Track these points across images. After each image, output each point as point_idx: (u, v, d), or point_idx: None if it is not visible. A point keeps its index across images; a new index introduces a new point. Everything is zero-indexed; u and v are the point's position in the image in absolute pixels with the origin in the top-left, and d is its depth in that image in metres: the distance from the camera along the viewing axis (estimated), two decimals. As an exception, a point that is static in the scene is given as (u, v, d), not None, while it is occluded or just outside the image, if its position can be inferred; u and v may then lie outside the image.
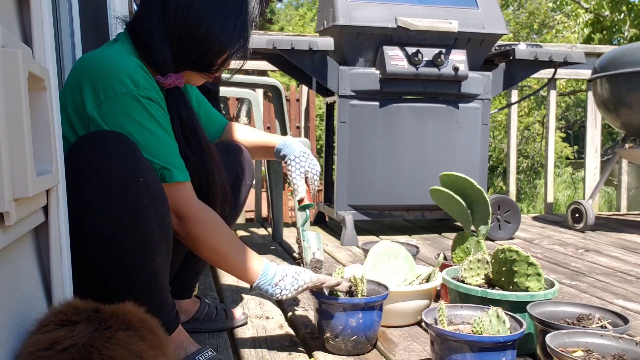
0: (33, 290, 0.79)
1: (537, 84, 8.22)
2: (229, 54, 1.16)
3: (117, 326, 0.67)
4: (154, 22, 1.11)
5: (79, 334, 0.65)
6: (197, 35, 1.11)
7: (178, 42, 1.12)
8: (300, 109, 4.14)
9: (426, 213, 2.78)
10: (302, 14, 20.91)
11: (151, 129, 1.04)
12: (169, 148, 1.07)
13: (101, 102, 1.01)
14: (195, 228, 1.11)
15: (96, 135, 0.99)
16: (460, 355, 1.07)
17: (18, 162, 0.65)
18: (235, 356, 1.29)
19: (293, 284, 1.19)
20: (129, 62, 1.05)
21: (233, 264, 1.16)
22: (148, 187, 0.98)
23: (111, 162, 0.95)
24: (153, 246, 1.01)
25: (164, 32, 1.11)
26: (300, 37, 2.56)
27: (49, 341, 0.65)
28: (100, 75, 1.02)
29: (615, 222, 3.35)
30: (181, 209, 1.09)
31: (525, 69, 2.81)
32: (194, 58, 1.14)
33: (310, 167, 1.37)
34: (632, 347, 1.03)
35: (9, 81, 0.63)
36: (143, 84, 1.04)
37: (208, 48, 1.13)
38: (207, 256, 1.17)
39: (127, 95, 1.02)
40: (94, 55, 1.08)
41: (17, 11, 0.76)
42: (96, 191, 0.95)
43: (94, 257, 0.98)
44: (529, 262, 1.30)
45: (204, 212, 1.13)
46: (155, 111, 1.06)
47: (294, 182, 1.37)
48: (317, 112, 7.84)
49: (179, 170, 1.08)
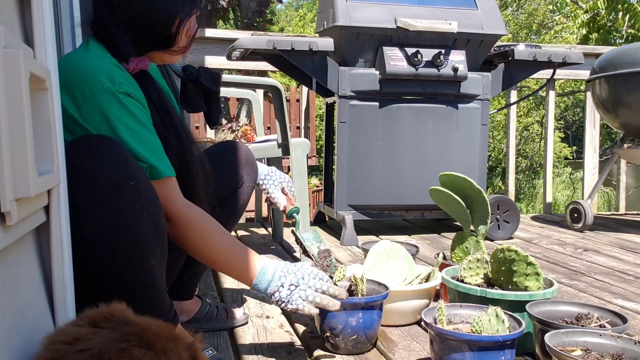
0: (34, 290, 0.80)
1: (536, 85, 8.23)
2: (180, 20, 1.14)
3: (137, 342, 0.67)
4: (104, 13, 1.11)
5: (99, 339, 0.65)
6: (142, 13, 1.11)
7: (128, 25, 1.11)
8: (300, 109, 4.14)
9: (426, 213, 2.78)
10: (302, 14, 20.91)
11: (129, 125, 1.03)
12: (150, 143, 1.06)
13: (80, 104, 1.01)
14: (182, 229, 1.09)
15: (85, 140, 0.99)
16: (460, 355, 1.07)
17: (19, 162, 0.65)
18: (235, 355, 1.29)
19: (293, 300, 1.12)
20: (101, 61, 1.06)
21: (224, 265, 1.15)
22: (139, 190, 0.98)
23: (101, 166, 0.95)
24: (147, 249, 1.01)
25: (114, 21, 1.11)
26: (300, 38, 2.56)
27: (73, 335, 0.65)
28: (75, 78, 1.02)
29: (613, 222, 3.35)
30: (166, 207, 1.07)
31: (524, 70, 2.81)
32: (149, 36, 1.13)
33: (281, 179, 1.48)
34: (631, 347, 1.03)
35: (11, 82, 0.63)
36: (119, 79, 1.04)
37: (157, 19, 1.12)
38: (197, 256, 1.15)
39: (104, 92, 1.01)
40: (66, 59, 1.08)
41: (19, 12, 0.76)
42: (87, 196, 0.94)
43: (88, 261, 0.97)
44: (528, 262, 1.30)
45: (189, 212, 1.11)
46: (133, 107, 1.05)
47: (272, 195, 1.47)
48: (317, 112, 7.85)
49: (162, 165, 1.07)
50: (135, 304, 1.03)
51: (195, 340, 0.76)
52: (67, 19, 1.60)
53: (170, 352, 0.68)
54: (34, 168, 0.68)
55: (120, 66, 1.08)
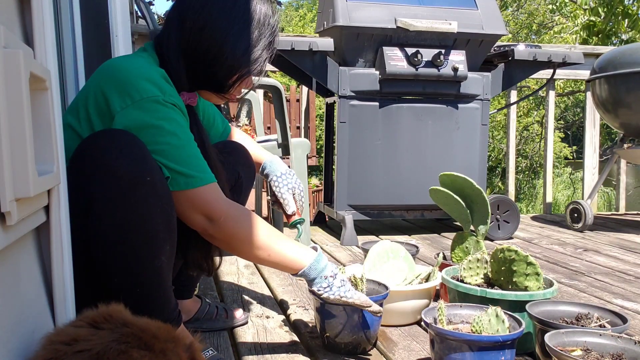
0: (34, 290, 0.80)
1: (536, 85, 8.22)
2: (239, 76, 1.17)
3: (135, 343, 0.66)
4: (172, 40, 1.13)
5: (98, 340, 0.65)
6: (208, 56, 1.13)
7: (191, 61, 1.14)
8: (300, 109, 4.14)
9: (426, 213, 2.78)
10: (302, 14, 20.92)
11: (175, 133, 1.05)
12: (192, 150, 1.08)
13: (127, 105, 1.02)
14: (230, 226, 1.10)
15: (105, 134, 1.00)
16: (460, 355, 1.07)
17: (19, 162, 0.65)
18: (235, 355, 1.29)
19: (340, 289, 1.17)
20: (154, 71, 1.08)
21: (277, 256, 1.13)
22: (155, 186, 0.99)
23: (119, 160, 0.96)
24: (158, 245, 1.02)
25: (179, 51, 1.13)
26: (300, 38, 2.56)
27: (71, 336, 0.65)
28: (127, 80, 1.03)
29: (613, 222, 3.35)
30: (211, 209, 1.08)
31: (524, 70, 2.81)
32: (206, 78, 1.17)
33: (296, 184, 1.41)
34: (631, 347, 1.03)
35: (11, 82, 0.63)
36: (168, 91, 1.06)
37: (219, 69, 1.15)
38: (249, 252, 1.14)
39: (153, 100, 1.03)
40: (122, 60, 1.11)
41: (19, 12, 0.76)
42: (103, 189, 0.95)
43: (99, 254, 0.98)
44: (528, 262, 1.30)
45: (235, 209, 1.11)
46: (178, 117, 1.07)
47: (283, 197, 1.40)
48: (317, 112, 7.84)
49: (204, 173, 1.08)
50: (141, 299, 1.03)
51: (195, 340, 0.76)
52: (67, 19, 1.60)
53: (169, 352, 0.68)
54: (34, 168, 0.68)
55: (167, 78, 1.10)
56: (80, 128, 1.06)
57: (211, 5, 1.12)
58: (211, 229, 1.09)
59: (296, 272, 1.15)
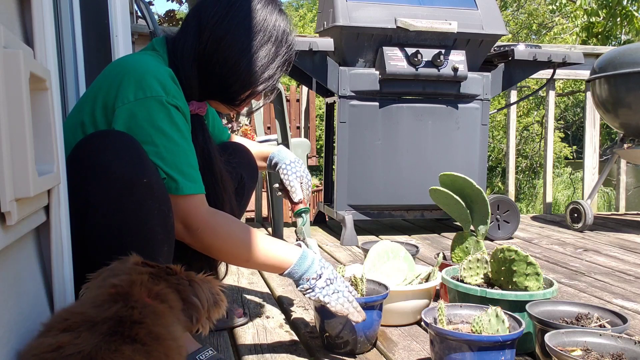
0: (34, 290, 0.80)
1: (536, 85, 8.23)
2: (252, 91, 1.17)
3: (122, 339, 0.66)
4: (187, 47, 1.13)
5: (84, 341, 0.64)
6: (224, 69, 1.13)
7: (206, 71, 1.14)
8: (300, 109, 4.14)
9: (426, 213, 2.78)
10: (302, 14, 20.90)
11: (172, 137, 1.04)
12: (186, 158, 1.07)
13: (129, 102, 1.02)
14: (206, 237, 1.09)
15: (102, 135, 1.00)
16: (460, 355, 1.07)
17: (19, 162, 0.65)
18: (235, 355, 1.29)
19: (322, 290, 1.13)
20: (162, 70, 1.07)
21: (256, 262, 1.13)
22: (152, 187, 0.98)
23: (116, 162, 0.95)
24: (156, 247, 1.01)
25: (194, 59, 1.13)
26: (300, 38, 2.56)
27: (54, 345, 0.64)
28: (134, 77, 1.03)
29: (613, 222, 3.35)
30: (189, 219, 1.07)
31: (524, 70, 2.82)
32: (219, 89, 1.16)
33: (304, 173, 1.43)
34: (631, 347, 1.03)
35: (11, 82, 0.63)
36: (173, 92, 1.06)
37: (233, 82, 1.14)
38: (229, 260, 1.16)
39: (155, 99, 1.02)
40: (132, 57, 1.11)
41: (19, 12, 0.76)
42: (100, 190, 0.95)
43: (97, 256, 0.98)
44: (528, 262, 1.30)
45: (214, 220, 1.11)
46: (179, 120, 1.07)
47: (291, 184, 1.40)
48: (317, 112, 7.84)
49: (193, 182, 1.07)
50: None
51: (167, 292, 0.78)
52: (67, 19, 1.60)
53: (157, 334, 0.69)
54: (34, 168, 0.68)
55: (175, 79, 1.09)
56: (86, 126, 1.06)
57: (231, 18, 1.12)
58: (188, 238, 1.09)
59: (282, 273, 1.15)
